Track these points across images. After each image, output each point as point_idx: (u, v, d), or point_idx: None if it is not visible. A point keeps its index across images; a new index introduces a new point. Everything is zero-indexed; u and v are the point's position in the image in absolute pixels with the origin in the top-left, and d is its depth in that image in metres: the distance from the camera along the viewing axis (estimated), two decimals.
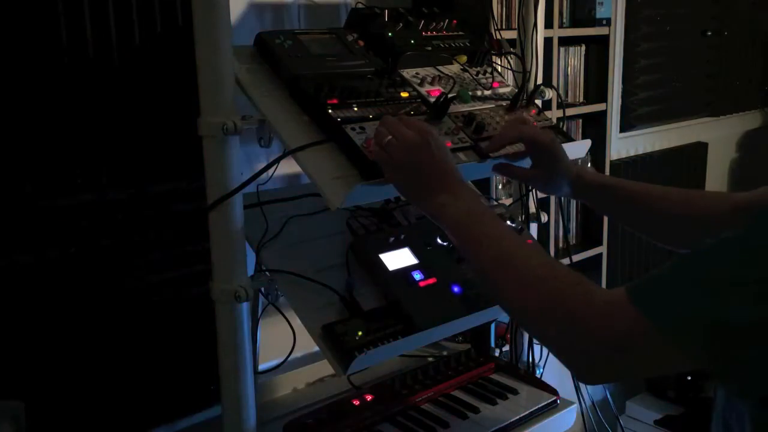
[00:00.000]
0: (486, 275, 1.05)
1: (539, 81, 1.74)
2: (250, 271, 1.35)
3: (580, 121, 2.80)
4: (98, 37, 1.48)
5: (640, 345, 0.86)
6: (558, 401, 1.67)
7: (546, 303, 0.95)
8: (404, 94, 1.46)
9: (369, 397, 1.58)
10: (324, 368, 1.74)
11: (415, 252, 1.46)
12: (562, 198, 2.74)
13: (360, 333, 1.26)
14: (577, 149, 1.65)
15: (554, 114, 2.35)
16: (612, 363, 0.90)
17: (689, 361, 0.85)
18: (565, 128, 1.63)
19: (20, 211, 1.43)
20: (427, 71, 1.55)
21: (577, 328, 0.91)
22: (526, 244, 1.09)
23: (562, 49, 2.64)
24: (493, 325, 1.92)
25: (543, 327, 0.97)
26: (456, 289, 1.42)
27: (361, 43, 1.52)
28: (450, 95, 1.41)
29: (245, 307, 1.30)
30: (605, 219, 2.88)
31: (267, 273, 1.37)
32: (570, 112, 2.66)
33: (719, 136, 3.65)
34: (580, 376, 0.96)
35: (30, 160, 1.43)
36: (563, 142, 1.55)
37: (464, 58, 1.63)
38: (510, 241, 1.06)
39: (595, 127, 2.81)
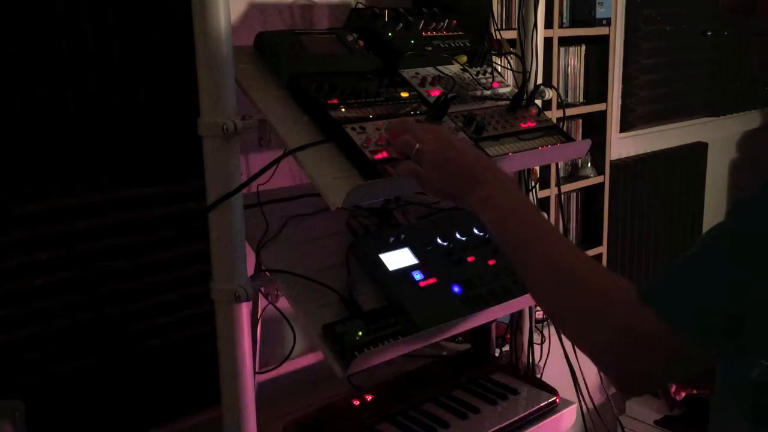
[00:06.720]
0: (533, 277, 1.03)
1: (539, 81, 1.74)
2: (250, 271, 1.35)
3: (580, 121, 2.80)
4: (98, 37, 1.48)
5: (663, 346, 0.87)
6: (558, 401, 1.67)
7: (597, 312, 0.93)
8: (404, 94, 1.46)
9: (369, 397, 1.58)
10: (324, 368, 1.74)
11: (415, 252, 1.46)
12: (562, 198, 2.75)
13: (360, 333, 1.26)
14: (577, 149, 1.65)
15: (554, 114, 2.35)
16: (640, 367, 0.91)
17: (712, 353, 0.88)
18: (565, 128, 1.63)
19: (21, 209, 1.43)
20: (427, 71, 1.55)
21: (623, 337, 0.90)
22: (573, 246, 1.07)
23: (562, 49, 2.64)
24: (493, 325, 1.92)
25: (586, 333, 0.96)
26: (456, 289, 1.42)
27: (361, 43, 1.52)
28: (450, 95, 1.41)
29: (245, 307, 1.30)
30: (605, 219, 2.89)
31: (267, 273, 1.37)
32: (570, 112, 2.66)
33: (719, 136, 3.65)
34: (619, 386, 0.95)
35: (29, 162, 1.43)
36: (563, 142, 1.55)
37: (464, 58, 1.63)
38: (559, 245, 1.04)
39: (595, 127, 2.82)
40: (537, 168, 1.79)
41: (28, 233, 1.45)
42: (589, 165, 2.83)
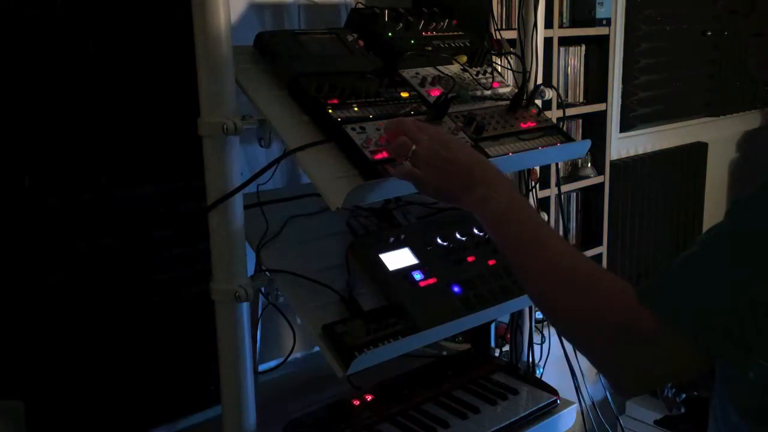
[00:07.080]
0: (532, 277, 1.03)
1: (539, 81, 1.74)
2: (250, 271, 1.35)
3: (580, 121, 2.81)
4: (98, 37, 1.48)
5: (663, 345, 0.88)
6: (558, 401, 1.66)
7: (595, 313, 0.94)
8: (404, 94, 1.46)
9: (369, 397, 1.58)
10: (324, 368, 1.74)
11: (415, 252, 1.46)
12: (562, 198, 2.75)
13: (360, 333, 1.26)
14: (577, 149, 1.65)
15: (554, 114, 2.35)
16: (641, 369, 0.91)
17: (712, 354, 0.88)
18: (565, 128, 1.63)
19: (19, 210, 1.43)
20: (427, 71, 1.55)
21: (622, 338, 0.91)
22: (570, 247, 1.07)
23: (562, 49, 2.64)
24: (493, 325, 1.92)
25: (585, 334, 0.97)
26: (456, 289, 1.42)
27: (361, 43, 1.52)
28: (450, 95, 1.41)
29: (245, 307, 1.30)
30: (605, 219, 2.88)
31: (267, 273, 1.37)
32: (570, 112, 2.66)
33: (719, 136, 3.65)
34: (617, 387, 0.96)
35: (31, 159, 1.43)
36: (563, 142, 1.55)
37: (464, 58, 1.63)
38: (558, 246, 1.03)
39: (595, 127, 2.82)
40: (537, 168, 1.79)
41: (27, 231, 1.45)
42: (589, 165, 2.83)
